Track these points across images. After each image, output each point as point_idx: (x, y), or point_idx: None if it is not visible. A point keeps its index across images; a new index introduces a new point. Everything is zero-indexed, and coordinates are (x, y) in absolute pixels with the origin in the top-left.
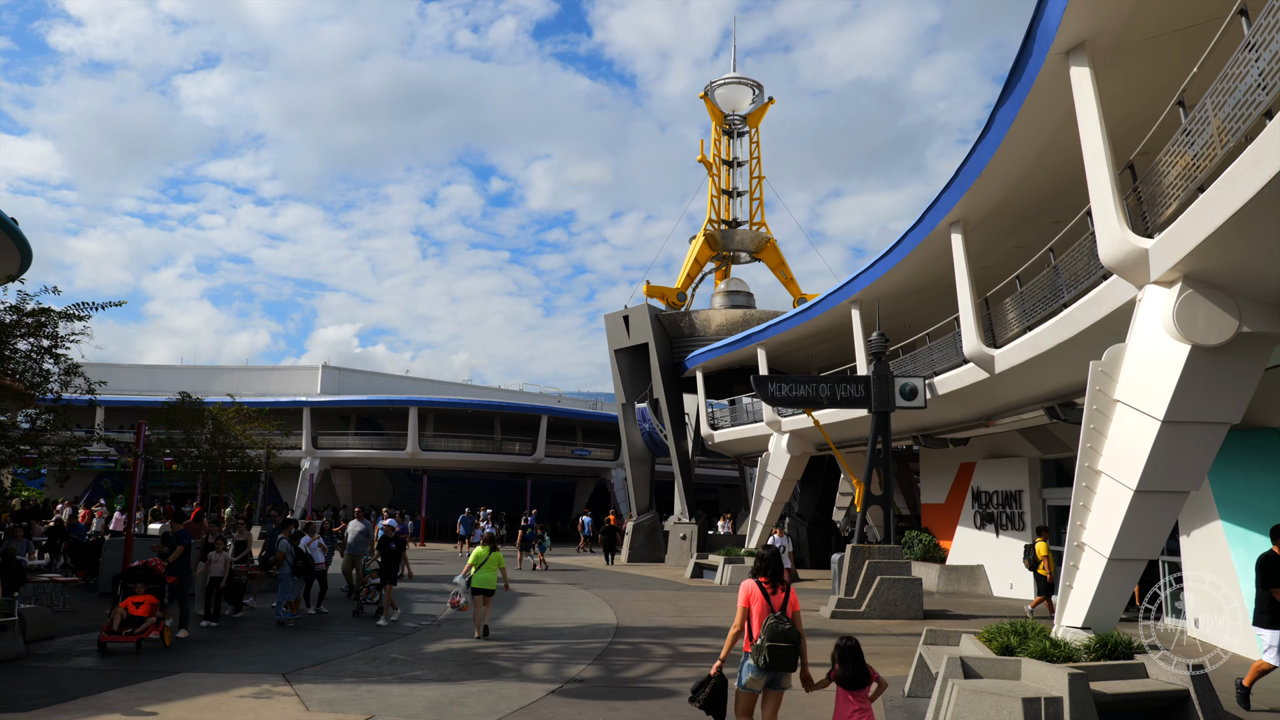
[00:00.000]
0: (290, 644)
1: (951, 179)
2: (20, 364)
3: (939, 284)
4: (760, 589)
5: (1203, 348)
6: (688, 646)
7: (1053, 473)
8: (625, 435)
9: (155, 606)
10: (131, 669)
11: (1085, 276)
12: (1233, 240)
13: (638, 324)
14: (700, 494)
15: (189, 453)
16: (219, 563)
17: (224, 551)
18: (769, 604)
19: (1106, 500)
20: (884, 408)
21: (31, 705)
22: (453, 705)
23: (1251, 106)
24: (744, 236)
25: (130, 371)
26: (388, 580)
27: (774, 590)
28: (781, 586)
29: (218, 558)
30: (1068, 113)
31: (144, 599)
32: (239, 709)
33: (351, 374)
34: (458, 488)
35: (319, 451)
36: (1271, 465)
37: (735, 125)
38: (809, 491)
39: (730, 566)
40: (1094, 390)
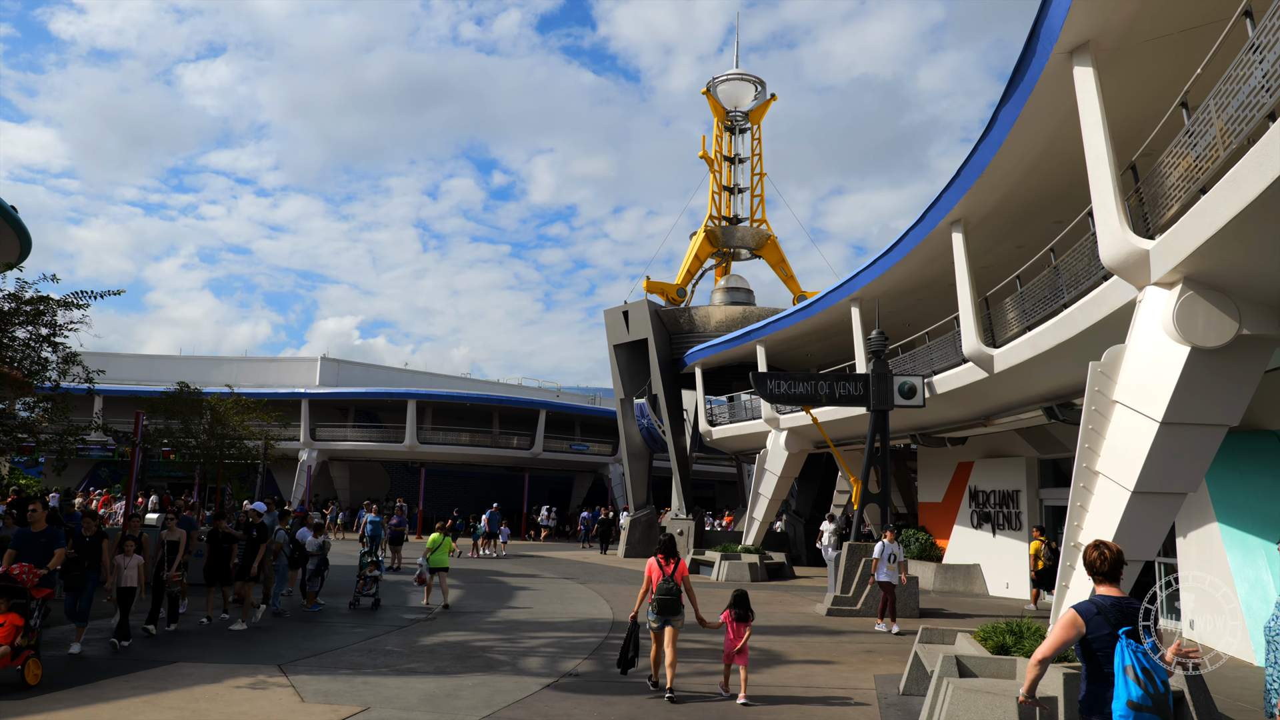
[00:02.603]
0: (286, 635)
1: (953, 178)
2: (18, 352)
3: (939, 283)
4: (658, 563)
5: (1202, 350)
6: (682, 642)
7: (1050, 473)
8: (623, 431)
9: (19, 630)
10: (128, 658)
11: (1086, 277)
12: (1234, 242)
13: (637, 319)
14: (698, 490)
15: (187, 443)
16: (129, 569)
17: (134, 555)
18: (663, 572)
19: (1104, 501)
20: (882, 406)
21: (28, 694)
22: (448, 698)
23: (1255, 109)
24: (744, 233)
25: (129, 361)
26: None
27: (667, 563)
28: (672, 561)
29: (126, 563)
30: (1070, 113)
31: (4, 619)
32: (234, 699)
33: (350, 366)
34: (455, 481)
35: (317, 443)
36: (1269, 468)
37: (737, 121)
38: (806, 489)
39: (727, 563)
40: (1093, 391)
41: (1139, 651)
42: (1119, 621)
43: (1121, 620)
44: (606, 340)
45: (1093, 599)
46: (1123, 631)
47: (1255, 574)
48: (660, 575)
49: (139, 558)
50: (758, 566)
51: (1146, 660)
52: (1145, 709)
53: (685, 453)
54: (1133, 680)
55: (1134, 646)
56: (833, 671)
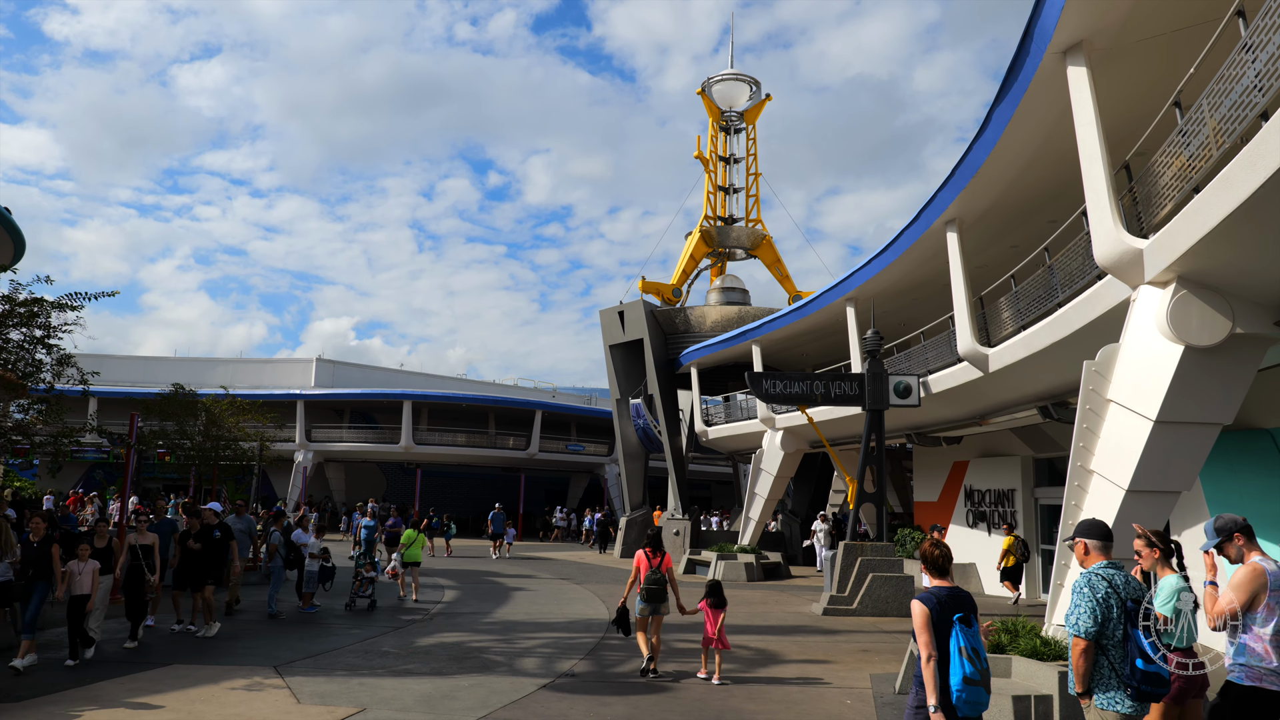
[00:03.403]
0: (282, 636)
1: (948, 178)
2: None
3: (934, 282)
4: (646, 556)
5: (1196, 348)
6: (679, 642)
7: (1045, 472)
8: (619, 431)
9: None
10: (123, 660)
11: (1080, 276)
12: (1227, 242)
13: (633, 320)
14: (694, 490)
15: (182, 445)
16: (83, 576)
17: (89, 560)
18: (650, 564)
19: (1098, 500)
20: (878, 406)
21: (22, 696)
22: (444, 699)
23: (1247, 108)
24: (740, 233)
25: (124, 362)
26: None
27: (654, 556)
28: (659, 554)
29: (81, 569)
30: (1064, 113)
31: None
32: (230, 701)
33: (345, 367)
34: (451, 482)
35: (312, 444)
36: (1263, 467)
37: (732, 122)
38: (802, 488)
39: (723, 562)
40: (1087, 390)
41: (968, 634)
42: (952, 609)
43: (954, 607)
44: (602, 340)
45: (930, 591)
46: (956, 617)
47: None
48: (648, 567)
49: (95, 563)
50: (754, 566)
51: (975, 641)
52: (975, 683)
53: (681, 453)
54: (965, 659)
55: (964, 630)
56: (829, 671)
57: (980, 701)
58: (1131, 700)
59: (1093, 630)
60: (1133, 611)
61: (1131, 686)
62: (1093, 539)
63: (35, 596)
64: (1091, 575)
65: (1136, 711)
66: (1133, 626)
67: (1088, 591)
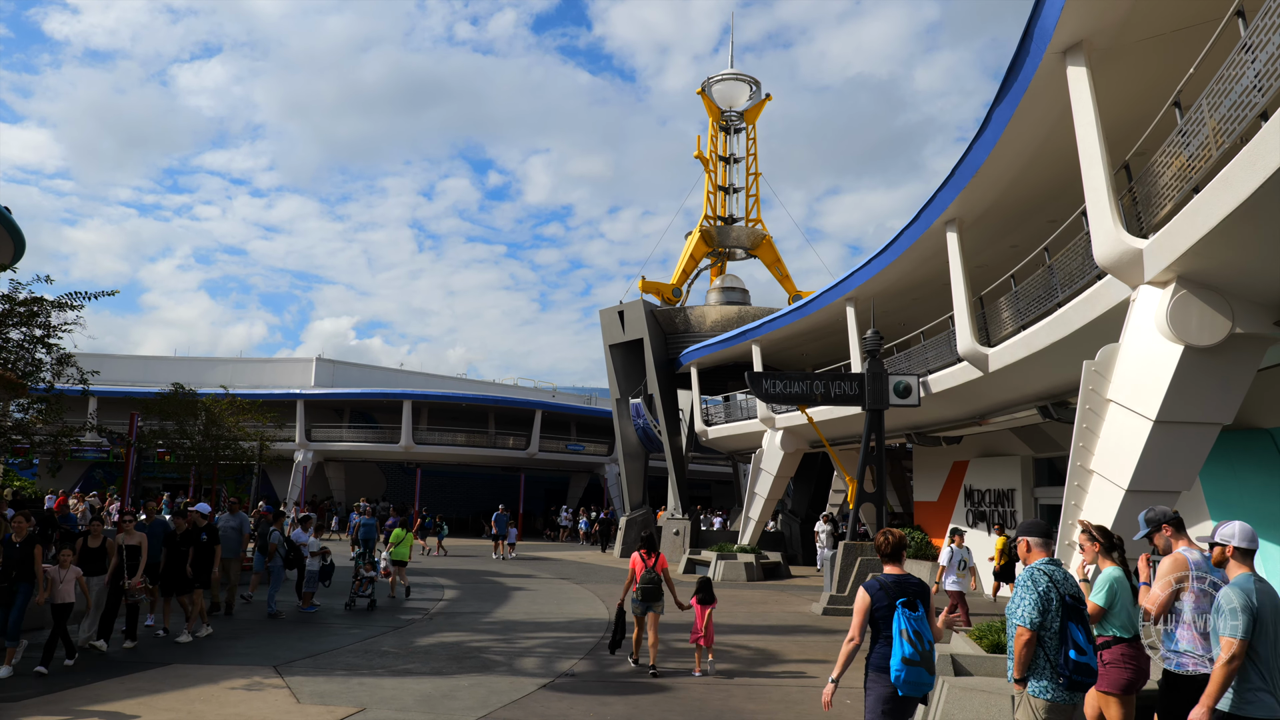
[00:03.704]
0: (282, 636)
1: (948, 177)
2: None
3: (934, 282)
4: (641, 557)
5: (1195, 348)
6: (678, 642)
7: (1045, 472)
8: (619, 430)
9: None
10: (123, 659)
11: (1079, 276)
12: (1227, 241)
13: (633, 319)
14: (694, 490)
15: (182, 444)
16: (65, 584)
17: (71, 567)
18: (645, 564)
19: (1098, 499)
20: (877, 405)
21: (23, 695)
22: (444, 699)
23: (1247, 108)
24: (740, 233)
25: (124, 362)
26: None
27: (649, 557)
28: (653, 555)
29: (62, 575)
30: (1064, 112)
31: None
32: (230, 701)
33: (345, 367)
34: (451, 481)
35: (312, 444)
36: (1262, 466)
37: (732, 121)
38: (802, 488)
39: (723, 562)
40: (1087, 390)
41: (911, 617)
42: (897, 594)
43: (898, 593)
44: (602, 340)
45: (877, 577)
46: (900, 602)
47: None
48: (643, 567)
49: (78, 569)
50: (754, 566)
51: (917, 624)
52: (914, 663)
53: (681, 452)
54: (906, 640)
55: (907, 614)
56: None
57: (921, 681)
58: (1063, 689)
59: (1036, 621)
60: (1070, 606)
61: (1064, 676)
62: (1034, 536)
63: (19, 599)
64: (1034, 570)
65: (1065, 700)
66: (1067, 620)
67: (1030, 585)
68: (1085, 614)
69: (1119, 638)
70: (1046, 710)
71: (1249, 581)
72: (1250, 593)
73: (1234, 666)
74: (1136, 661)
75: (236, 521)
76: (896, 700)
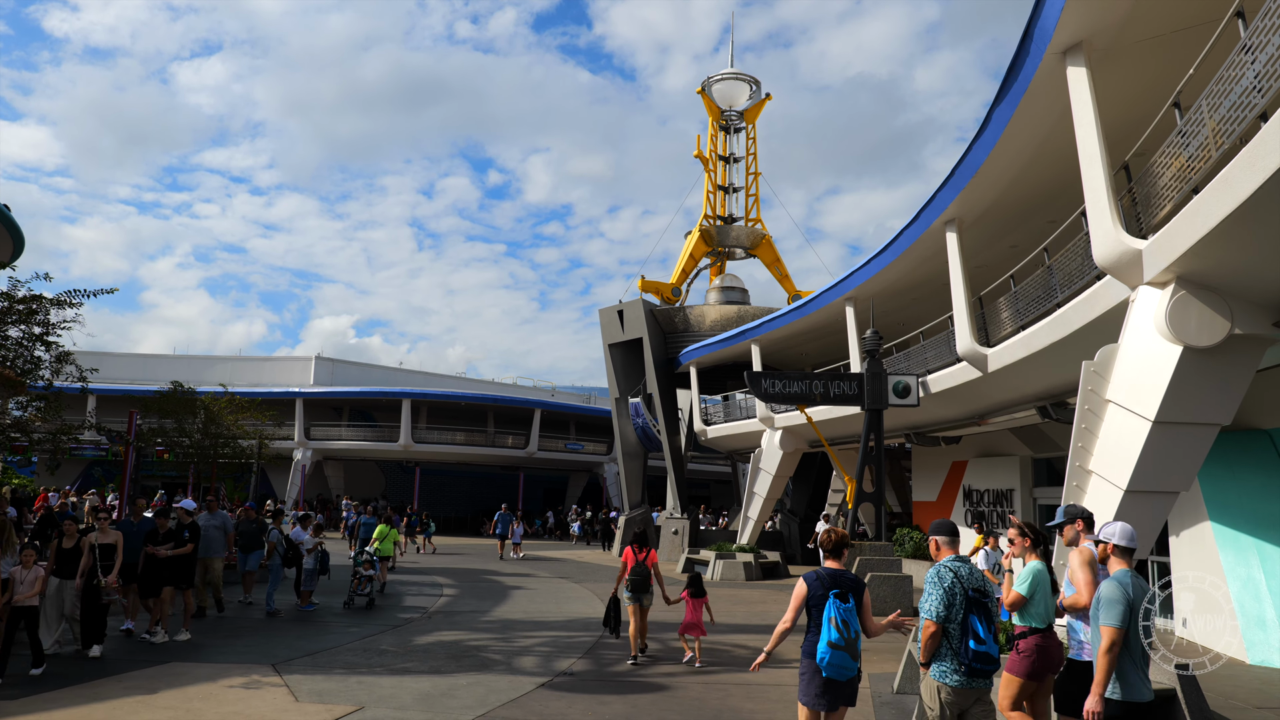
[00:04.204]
0: (280, 635)
1: (947, 177)
2: (12, 351)
3: (933, 282)
4: (633, 551)
5: (1194, 349)
6: (676, 641)
7: (1044, 472)
8: (618, 430)
9: None
10: (121, 657)
11: (1079, 277)
12: (1226, 242)
13: (632, 319)
14: (693, 489)
15: (181, 442)
16: (25, 585)
17: (34, 566)
18: (636, 558)
19: (1097, 500)
20: (877, 405)
21: (21, 693)
22: (442, 697)
23: (1247, 109)
24: (739, 233)
25: (123, 360)
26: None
27: (639, 551)
28: (644, 549)
29: (24, 576)
30: (1064, 113)
31: None
32: (228, 699)
33: (345, 365)
34: (450, 480)
35: (311, 442)
36: (1261, 467)
37: (732, 121)
38: (801, 488)
39: (722, 561)
40: (1086, 390)
41: (841, 607)
42: (831, 585)
43: (833, 585)
44: (601, 339)
45: (816, 571)
46: (833, 593)
47: (1248, 573)
48: (635, 561)
49: (40, 569)
50: (752, 565)
51: (845, 614)
52: (839, 648)
53: (680, 452)
54: (833, 627)
55: (838, 604)
56: None
57: (844, 665)
58: (964, 675)
59: (941, 615)
60: (973, 600)
61: (965, 663)
62: (942, 536)
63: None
64: (941, 568)
65: (965, 685)
66: (970, 613)
67: (937, 582)
68: (988, 607)
69: (1035, 628)
70: (948, 693)
71: (1126, 576)
72: (1127, 586)
73: (1114, 654)
74: (1047, 650)
75: (219, 521)
76: (823, 681)
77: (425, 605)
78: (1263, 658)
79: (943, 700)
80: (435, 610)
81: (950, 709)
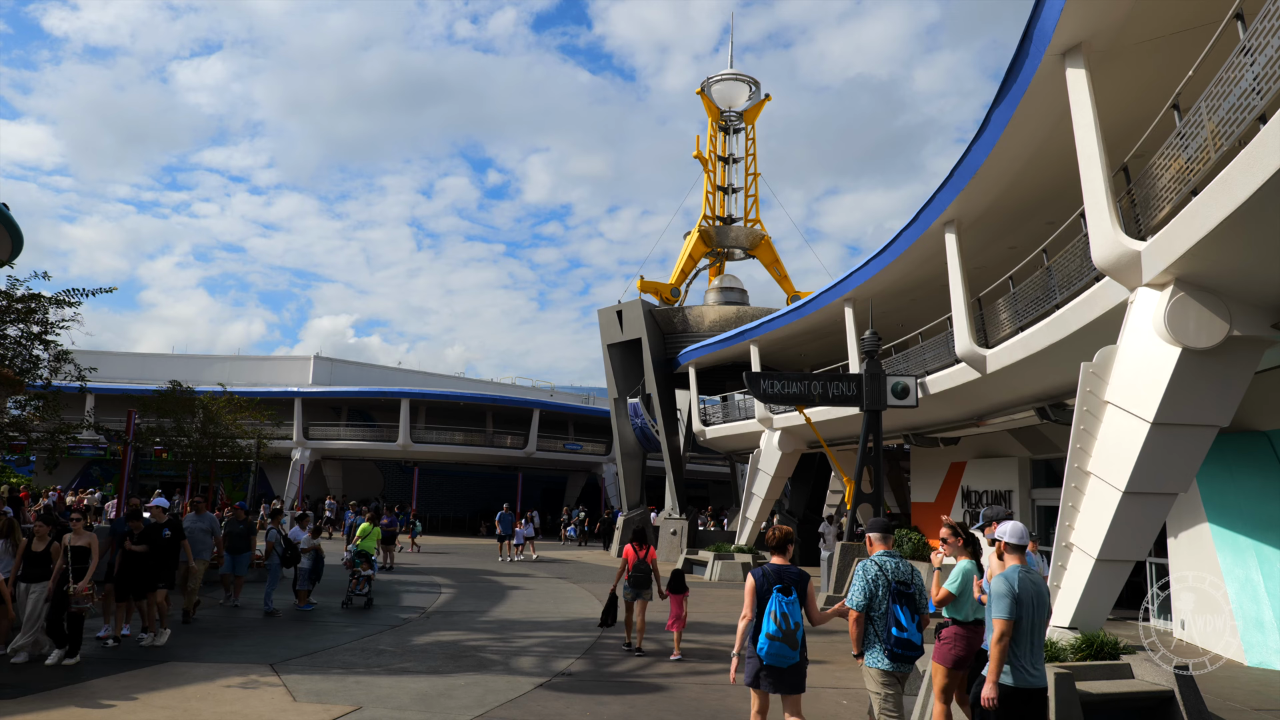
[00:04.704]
0: (278, 634)
1: (946, 178)
2: (10, 350)
3: (932, 283)
4: (634, 548)
5: (1193, 351)
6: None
7: (1042, 473)
8: (617, 430)
9: None
10: (119, 657)
11: (1078, 278)
12: (1225, 244)
13: (631, 319)
14: (691, 490)
15: (179, 442)
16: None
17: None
18: (637, 556)
19: (1095, 501)
20: (875, 406)
21: (16, 693)
22: (440, 697)
23: (1246, 110)
24: (738, 233)
25: (121, 359)
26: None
27: (640, 549)
28: (644, 547)
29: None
30: (1063, 114)
31: None
32: (226, 699)
33: (343, 365)
34: (449, 480)
35: (310, 442)
36: (1259, 469)
37: (732, 121)
38: (800, 488)
39: (720, 562)
40: (1084, 391)
41: (783, 601)
42: (775, 580)
43: (777, 580)
44: (600, 340)
45: (761, 566)
46: (776, 587)
47: (1245, 574)
48: (635, 558)
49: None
50: (751, 566)
51: (786, 607)
52: (776, 639)
53: (679, 452)
54: (773, 619)
55: (780, 598)
56: (825, 671)
57: (783, 654)
58: (890, 660)
59: (863, 604)
60: (896, 591)
61: (889, 649)
62: (875, 532)
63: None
64: (868, 562)
65: (892, 668)
66: (894, 603)
67: (861, 574)
68: (913, 598)
69: (960, 621)
70: (879, 677)
71: (1015, 572)
72: (1014, 581)
73: (1004, 644)
74: (969, 642)
75: (206, 523)
76: (764, 668)
77: (423, 605)
78: (1260, 659)
79: (880, 683)
80: (433, 610)
81: (887, 689)
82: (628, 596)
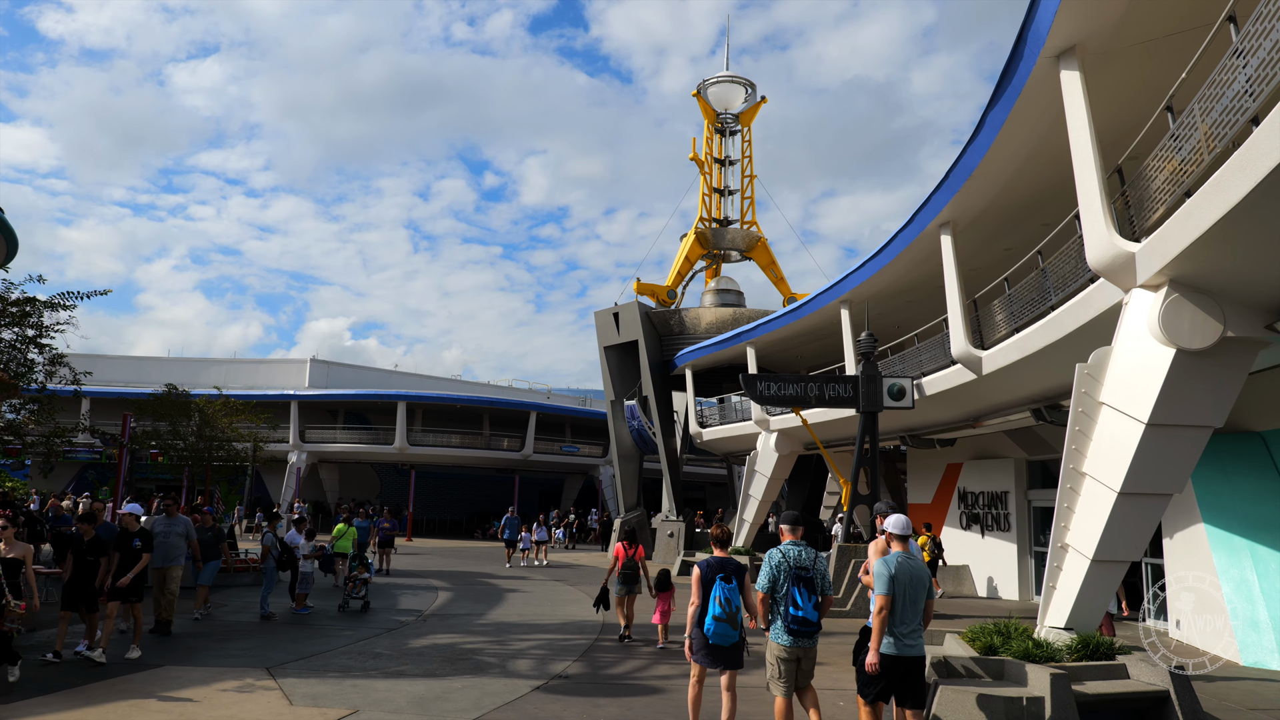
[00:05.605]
0: (274, 638)
1: (942, 180)
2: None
3: (928, 285)
4: (624, 547)
5: (1187, 351)
6: (672, 644)
7: (1038, 474)
8: (614, 432)
9: None
10: (115, 661)
11: (1073, 279)
12: (1219, 245)
13: (628, 321)
14: (688, 492)
15: (175, 445)
16: None
17: None
18: (627, 554)
19: (1091, 502)
20: (872, 408)
21: (14, 697)
22: (437, 700)
23: (1239, 113)
24: (735, 235)
25: (117, 362)
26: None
27: (630, 547)
28: (634, 546)
29: None
30: (1057, 116)
31: None
32: (222, 703)
33: (340, 368)
34: (446, 483)
35: (306, 445)
36: (1254, 469)
37: (727, 123)
38: (796, 490)
39: None
40: (1079, 393)
41: (725, 587)
42: (718, 570)
43: (720, 569)
44: (597, 342)
45: (706, 559)
46: (719, 576)
47: (1241, 574)
48: (625, 555)
49: None
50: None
51: (728, 593)
52: (721, 620)
53: (676, 454)
54: (717, 603)
55: (722, 585)
56: (823, 672)
57: (726, 634)
58: (789, 635)
59: (766, 587)
60: (797, 574)
61: (787, 625)
62: (784, 525)
63: None
64: (773, 551)
65: (790, 644)
66: (794, 586)
67: (768, 561)
68: (812, 581)
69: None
70: (780, 651)
71: (894, 557)
72: (891, 564)
73: (884, 616)
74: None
75: (180, 527)
76: (710, 647)
77: (420, 608)
78: (1255, 659)
79: (777, 656)
80: (430, 613)
81: (783, 664)
82: (619, 592)
